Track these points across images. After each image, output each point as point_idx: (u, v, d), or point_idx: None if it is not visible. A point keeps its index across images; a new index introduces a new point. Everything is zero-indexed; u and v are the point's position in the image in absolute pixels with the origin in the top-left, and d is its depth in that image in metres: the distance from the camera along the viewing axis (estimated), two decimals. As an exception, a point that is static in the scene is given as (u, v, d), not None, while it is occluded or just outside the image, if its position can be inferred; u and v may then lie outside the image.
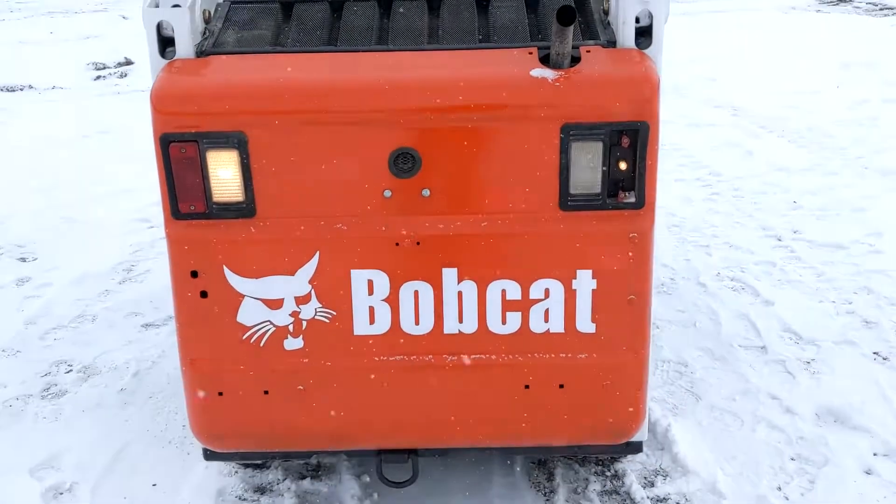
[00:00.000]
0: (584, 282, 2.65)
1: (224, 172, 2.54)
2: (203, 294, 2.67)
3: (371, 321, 2.71)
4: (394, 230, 2.61)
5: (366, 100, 2.49)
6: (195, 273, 2.65)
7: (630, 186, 2.56)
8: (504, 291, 2.67)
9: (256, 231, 2.61)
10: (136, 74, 11.05)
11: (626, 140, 2.50)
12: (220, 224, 2.60)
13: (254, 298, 2.68)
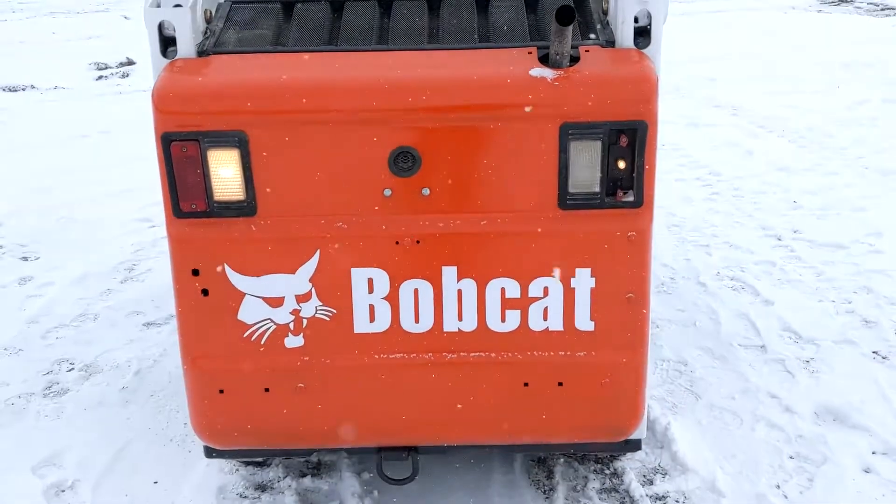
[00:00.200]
0: (583, 280, 2.67)
1: (225, 171, 2.55)
2: (204, 292, 2.68)
3: (371, 319, 2.72)
4: (394, 229, 2.62)
5: (366, 99, 2.50)
6: (196, 271, 2.67)
7: (629, 185, 2.57)
8: (503, 290, 2.68)
9: (257, 230, 2.62)
10: (138, 74, 11.08)
11: (625, 139, 2.51)
12: (221, 222, 2.61)
13: (254, 296, 2.69)
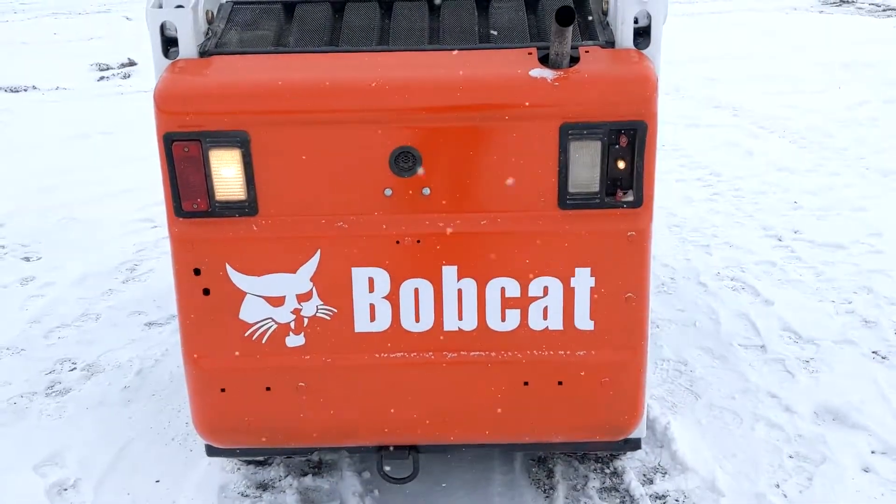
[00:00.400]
0: (583, 279, 2.68)
1: (226, 171, 2.56)
2: (205, 291, 2.70)
3: (372, 318, 2.73)
4: (394, 228, 2.63)
5: (367, 99, 2.51)
6: (198, 270, 2.68)
7: (628, 185, 2.58)
8: (503, 289, 2.69)
9: (258, 229, 2.63)
10: (140, 75, 11.11)
11: (625, 139, 2.52)
12: (223, 222, 2.63)
13: (256, 296, 2.70)
